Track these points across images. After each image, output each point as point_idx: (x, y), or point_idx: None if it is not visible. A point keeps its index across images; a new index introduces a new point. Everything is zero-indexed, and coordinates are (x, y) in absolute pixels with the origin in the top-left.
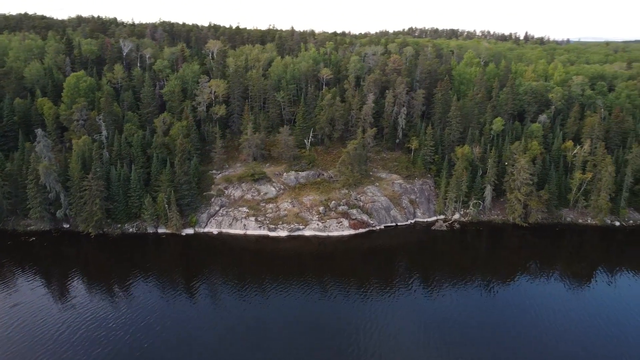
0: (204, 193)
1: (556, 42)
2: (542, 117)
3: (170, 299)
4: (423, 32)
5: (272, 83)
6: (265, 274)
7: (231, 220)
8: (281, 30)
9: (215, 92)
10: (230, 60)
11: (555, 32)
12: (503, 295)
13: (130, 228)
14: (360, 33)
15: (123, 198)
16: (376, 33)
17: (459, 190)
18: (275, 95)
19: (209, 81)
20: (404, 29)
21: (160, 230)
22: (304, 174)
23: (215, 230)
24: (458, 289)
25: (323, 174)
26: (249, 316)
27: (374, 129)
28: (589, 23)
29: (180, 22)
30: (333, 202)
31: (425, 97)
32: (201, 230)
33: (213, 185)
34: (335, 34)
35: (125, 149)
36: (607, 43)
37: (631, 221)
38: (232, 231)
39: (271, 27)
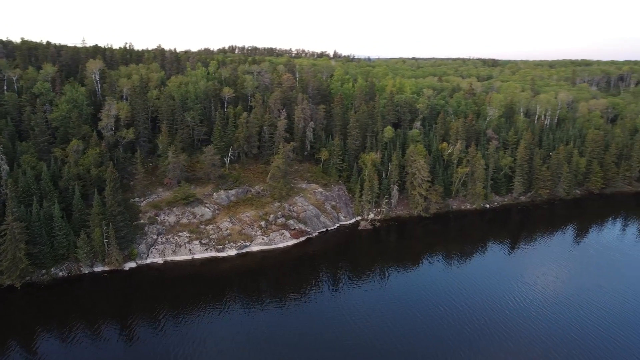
0: (134, 223)
1: (366, 60)
2: (417, 124)
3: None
4: (243, 50)
5: (178, 103)
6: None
7: (174, 247)
8: (148, 50)
9: (117, 114)
10: (124, 81)
11: (355, 50)
12: (405, 281)
13: (60, 272)
14: (182, 51)
15: (47, 239)
16: (199, 50)
17: (372, 192)
18: (184, 116)
19: (115, 104)
20: (224, 47)
21: (97, 269)
22: (233, 192)
23: (160, 260)
24: (362, 285)
25: (251, 190)
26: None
27: (292, 142)
28: (376, 42)
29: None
30: (271, 215)
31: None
32: (144, 262)
33: (141, 214)
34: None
35: (32, 184)
36: (404, 60)
37: (495, 203)
38: (178, 258)
39: (128, 46)
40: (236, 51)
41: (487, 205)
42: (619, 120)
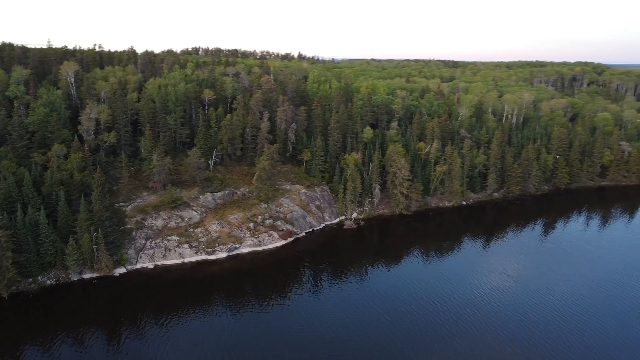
0: (121, 228)
1: (331, 61)
2: (394, 124)
3: None
4: (207, 52)
5: (160, 106)
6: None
7: (163, 251)
8: (120, 51)
9: (98, 118)
10: (101, 84)
11: (318, 51)
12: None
13: (48, 280)
14: (151, 51)
15: (33, 247)
16: (162, 52)
17: (355, 192)
18: (166, 119)
19: (96, 107)
20: (188, 48)
21: (86, 276)
22: (219, 194)
23: (150, 265)
24: (355, 284)
25: (237, 192)
26: None
27: (276, 144)
28: (338, 44)
29: None
30: (259, 217)
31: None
32: (134, 267)
33: (127, 219)
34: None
35: (14, 190)
36: (368, 62)
37: (471, 200)
38: (168, 262)
39: (98, 48)
40: (200, 52)
41: (464, 202)
42: (579, 119)
